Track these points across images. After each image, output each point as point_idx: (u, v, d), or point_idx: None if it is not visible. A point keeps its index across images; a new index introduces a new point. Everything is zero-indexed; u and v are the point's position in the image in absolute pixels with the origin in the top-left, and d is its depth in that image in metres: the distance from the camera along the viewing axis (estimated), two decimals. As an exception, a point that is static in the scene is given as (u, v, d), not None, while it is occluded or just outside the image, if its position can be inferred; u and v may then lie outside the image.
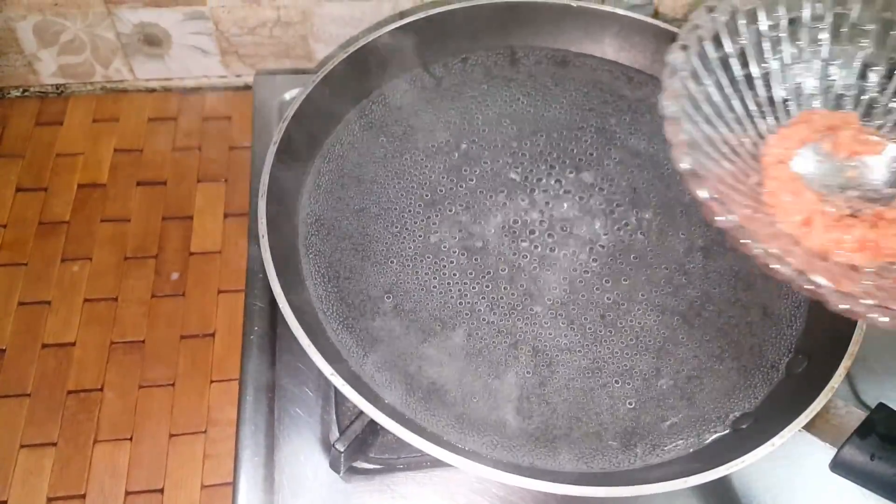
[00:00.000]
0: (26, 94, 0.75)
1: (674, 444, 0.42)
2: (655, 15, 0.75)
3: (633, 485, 0.37)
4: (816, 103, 0.45)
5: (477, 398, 0.42)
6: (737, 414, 0.43)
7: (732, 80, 0.43)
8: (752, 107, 0.44)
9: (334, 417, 0.46)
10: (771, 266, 0.32)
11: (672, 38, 0.55)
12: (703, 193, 0.33)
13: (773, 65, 0.44)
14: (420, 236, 0.48)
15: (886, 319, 0.32)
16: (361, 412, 0.40)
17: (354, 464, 0.45)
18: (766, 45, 0.44)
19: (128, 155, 0.72)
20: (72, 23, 0.69)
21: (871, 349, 0.50)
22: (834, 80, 0.45)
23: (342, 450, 0.42)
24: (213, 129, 0.74)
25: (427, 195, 0.50)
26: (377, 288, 0.45)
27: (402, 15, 0.69)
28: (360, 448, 0.44)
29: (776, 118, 0.44)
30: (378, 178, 0.50)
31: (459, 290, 0.46)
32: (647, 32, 0.56)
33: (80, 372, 0.60)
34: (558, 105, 0.56)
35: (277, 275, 0.41)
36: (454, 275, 0.47)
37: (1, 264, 0.65)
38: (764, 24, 0.43)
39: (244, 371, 0.48)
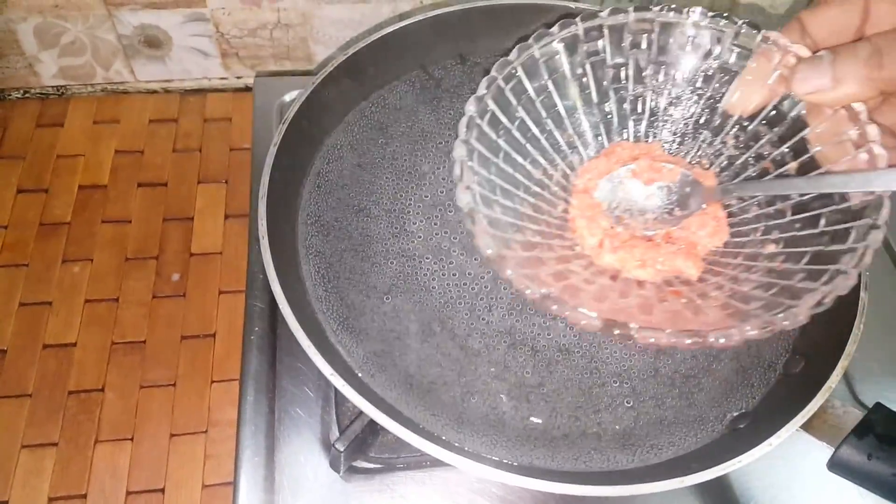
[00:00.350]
0: (27, 95, 0.76)
1: (671, 444, 0.42)
2: (654, 16, 0.75)
3: (632, 484, 0.37)
4: (624, 136, 0.49)
5: (476, 398, 0.42)
6: (734, 414, 0.43)
7: (538, 121, 0.46)
8: (561, 142, 0.47)
9: (334, 417, 0.47)
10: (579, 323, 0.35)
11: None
12: (508, 273, 0.36)
13: (575, 104, 0.47)
14: (420, 237, 0.48)
15: (653, 340, 0.34)
16: (361, 412, 0.40)
17: (354, 463, 0.45)
18: (565, 87, 0.47)
19: (128, 156, 0.72)
20: (72, 25, 0.69)
21: (869, 349, 0.50)
22: (642, 115, 0.49)
23: (342, 449, 0.42)
24: (213, 130, 0.75)
25: (427, 196, 0.50)
26: (377, 288, 0.45)
27: (401, 17, 0.69)
28: (359, 448, 0.44)
29: (585, 151, 0.48)
30: (378, 179, 0.50)
31: (459, 291, 0.46)
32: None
33: (81, 372, 0.61)
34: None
35: (278, 275, 0.41)
36: (454, 275, 0.47)
37: (2, 265, 0.65)
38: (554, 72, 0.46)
39: (244, 371, 0.49)
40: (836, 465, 0.39)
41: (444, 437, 0.39)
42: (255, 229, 0.43)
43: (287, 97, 0.64)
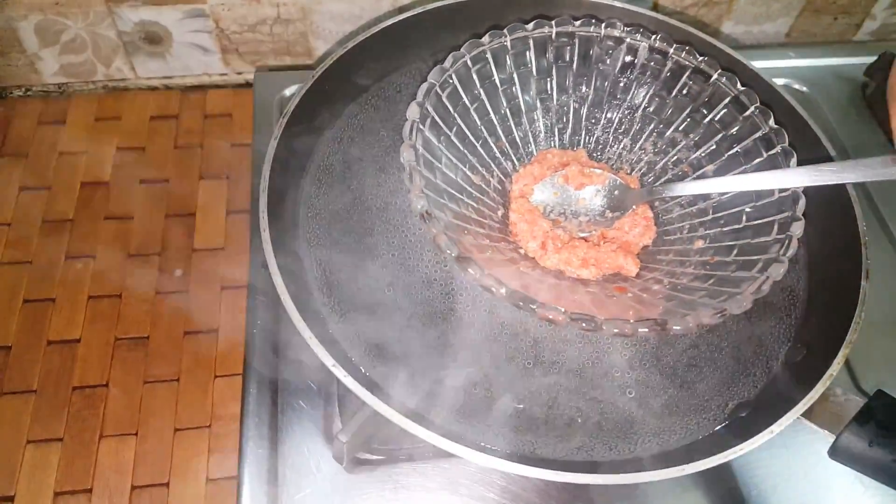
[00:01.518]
0: (28, 93, 0.76)
1: (673, 433, 0.42)
2: (655, 7, 0.75)
3: (634, 472, 0.37)
4: (551, 143, 0.53)
5: (478, 388, 0.42)
6: (736, 402, 0.44)
7: (473, 129, 0.49)
8: (495, 150, 0.50)
9: (337, 409, 0.47)
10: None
11: (671, 30, 0.55)
12: (475, 274, 0.37)
13: (506, 112, 0.51)
14: (421, 229, 0.48)
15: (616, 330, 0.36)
16: (364, 403, 0.40)
17: (357, 455, 0.45)
18: (496, 98, 0.50)
19: (130, 153, 0.72)
20: (73, 22, 0.69)
21: (870, 337, 0.51)
22: (567, 124, 0.53)
23: (345, 441, 0.42)
24: (214, 126, 0.75)
25: (428, 188, 0.50)
26: (379, 281, 0.46)
27: (400, 10, 0.69)
28: (362, 439, 0.44)
29: (518, 159, 0.51)
30: (379, 172, 0.51)
31: (460, 282, 0.46)
32: (646, 25, 0.56)
33: (85, 368, 0.61)
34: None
35: (279, 268, 0.41)
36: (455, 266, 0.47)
37: (6, 262, 0.65)
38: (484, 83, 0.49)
39: (247, 365, 0.49)
40: (837, 453, 0.40)
41: (446, 428, 0.40)
42: (257, 224, 0.44)
43: (287, 92, 0.64)
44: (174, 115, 0.75)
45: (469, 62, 0.47)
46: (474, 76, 0.48)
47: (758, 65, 0.54)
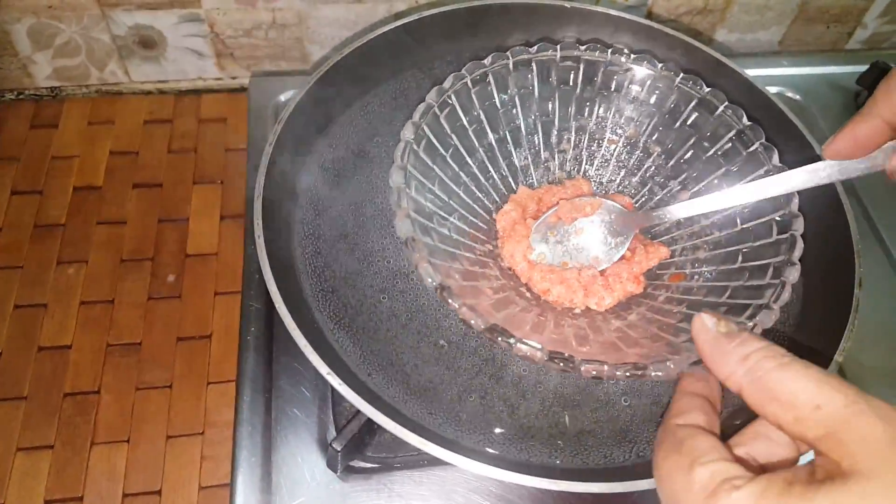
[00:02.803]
0: (21, 97, 0.75)
1: (669, 441, 0.42)
2: (649, 16, 0.76)
3: (629, 480, 0.37)
4: (549, 167, 0.52)
5: (473, 396, 0.42)
6: (730, 409, 0.44)
7: (470, 150, 0.48)
8: (493, 172, 0.50)
9: (331, 417, 0.47)
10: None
11: (665, 38, 0.56)
12: (454, 305, 0.37)
13: (505, 135, 0.51)
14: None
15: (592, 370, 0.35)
16: (358, 411, 0.40)
17: (351, 463, 0.45)
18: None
19: (123, 157, 0.72)
20: (66, 25, 0.69)
21: (863, 345, 0.51)
22: (565, 149, 0.53)
23: (339, 449, 0.42)
24: (208, 131, 0.75)
25: (422, 195, 0.50)
26: (373, 287, 0.45)
27: (397, 16, 0.69)
28: (357, 447, 0.44)
29: (515, 182, 0.51)
30: (374, 178, 0.50)
31: (455, 290, 0.46)
32: (640, 33, 0.57)
33: (77, 375, 0.60)
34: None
35: (274, 275, 0.41)
36: (450, 274, 0.47)
37: (-4, 267, 0.65)
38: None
39: (241, 372, 0.48)
40: (831, 461, 0.40)
41: (441, 435, 0.39)
42: (251, 229, 0.43)
43: (282, 97, 0.64)
44: (168, 119, 0.75)
45: (469, 83, 0.47)
46: (474, 97, 0.48)
47: (751, 73, 0.54)
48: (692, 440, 0.25)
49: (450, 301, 0.36)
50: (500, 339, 0.36)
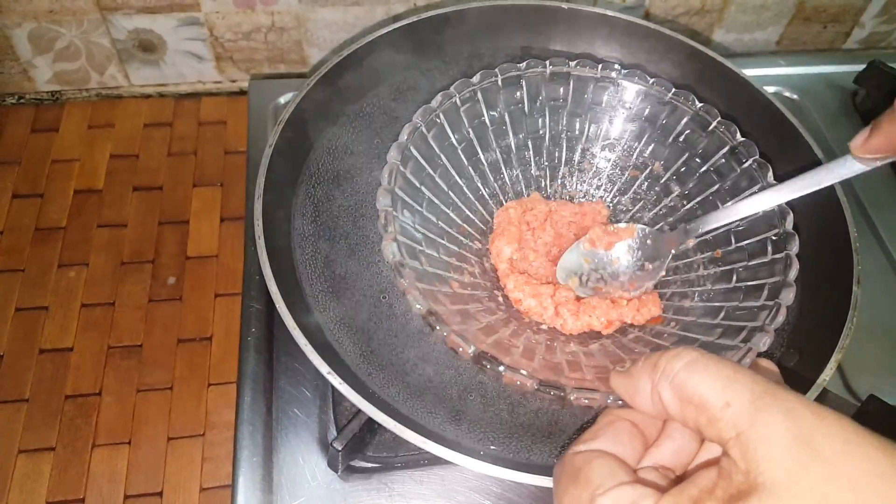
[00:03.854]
0: (21, 101, 0.76)
1: (668, 439, 0.42)
2: (647, 16, 0.76)
3: (629, 478, 0.37)
4: (541, 184, 0.51)
5: (474, 394, 0.42)
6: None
7: (459, 170, 0.48)
8: (483, 191, 0.49)
9: (332, 417, 0.47)
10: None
11: (663, 39, 0.56)
12: (442, 333, 0.37)
13: (496, 153, 0.50)
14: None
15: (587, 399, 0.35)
16: (359, 410, 0.40)
17: (352, 462, 0.45)
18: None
19: (124, 160, 0.72)
20: (67, 30, 0.69)
21: (862, 342, 0.51)
22: (557, 164, 0.52)
23: (340, 448, 0.42)
24: (208, 133, 0.75)
25: (422, 196, 0.50)
26: (373, 287, 0.46)
27: (395, 19, 0.69)
28: (357, 447, 0.44)
29: (506, 201, 0.50)
30: (373, 180, 0.51)
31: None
32: (637, 34, 0.57)
33: (78, 377, 0.61)
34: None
35: (274, 276, 0.41)
36: (449, 274, 0.47)
37: (-2, 270, 0.65)
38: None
39: (242, 372, 0.49)
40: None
41: (442, 434, 0.40)
42: (251, 231, 0.44)
43: (282, 99, 0.65)
44: (168, 122, 0.76)
45: (458, 101, 0.46)
46: (462, 115, 0.47)
47: (749, 73, 0.54)
48: (588, 468, 0.24)
49: (437, 328, 0.36)
50: (488, 367, 0.35)
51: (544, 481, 0.36)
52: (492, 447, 0.40)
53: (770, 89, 0.66)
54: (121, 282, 0.65)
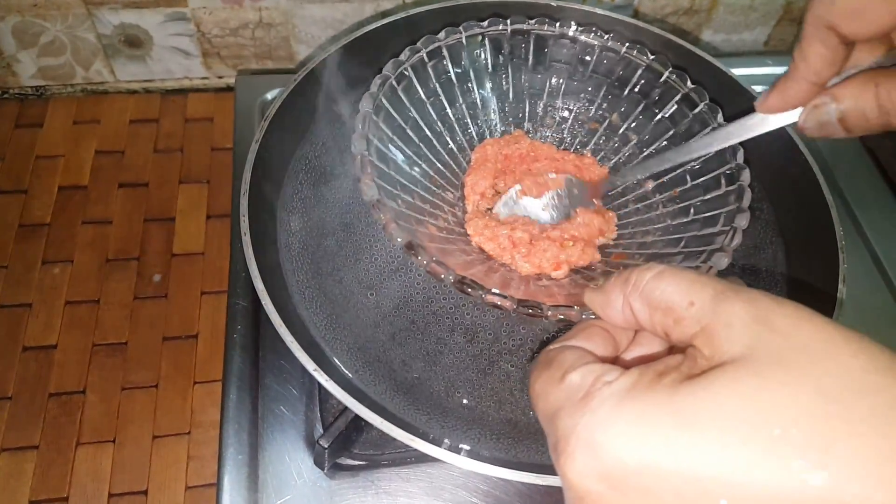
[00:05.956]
0: (5, 96, 0.75)
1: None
2: (636, 15, 0.76)
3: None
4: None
5: (461, 392, 0.42)
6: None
7: (429, 124, 0.50)
8: (452, 144, 0.51)
9: (318, 414, 0.46)
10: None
11: (652, 37, 0.56)
12: (423, 262, 0.38)
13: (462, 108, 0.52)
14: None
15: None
16: (345, 408, 0.40)
17: (339, 460, 0.45)
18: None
19: (109, 157, 0.72)
20: (51, 24, 0.69)
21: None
22: (521, 118, 0.54)
23: (326, 446, 0.42)
24: (195, 130, 0.74)
25: (409, 193, 0.50)
26: (360, 284, 0.45)
27: (383, 15, 0.69)
28: (344, 444, 0.44)
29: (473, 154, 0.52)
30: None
31: (443, 287, 0.46)
32: (627, 33, 0.57)
33: (62, 375, 0.60)
34: (539, 104, 0.56)
35: (260, 273, 0.41)
36: (437, 272, 0.47)
37: (-20, 267, 0.64)
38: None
39: (227, 370, 0.48)
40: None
41: (428, 432, 0.39)
42: (238, 228, 0.43)
43: (269, 95, 0.64)
44: (154, 118, 0.75)
45: (425, 56, 0.48)
46: (430, 71, 0.49)
47: (737, 72, 0.54)
48: (562, 355, 0.25)
49: (418, 258, 0.37)
50: (470, 290, 0.37)
51: (531, 478, 0.36)
52: (478, 444, 0.40)
53: (758, 88, 0.66)
54: (106, 279, 0.65)
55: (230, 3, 0.68)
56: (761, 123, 0.38)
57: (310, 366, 0.38)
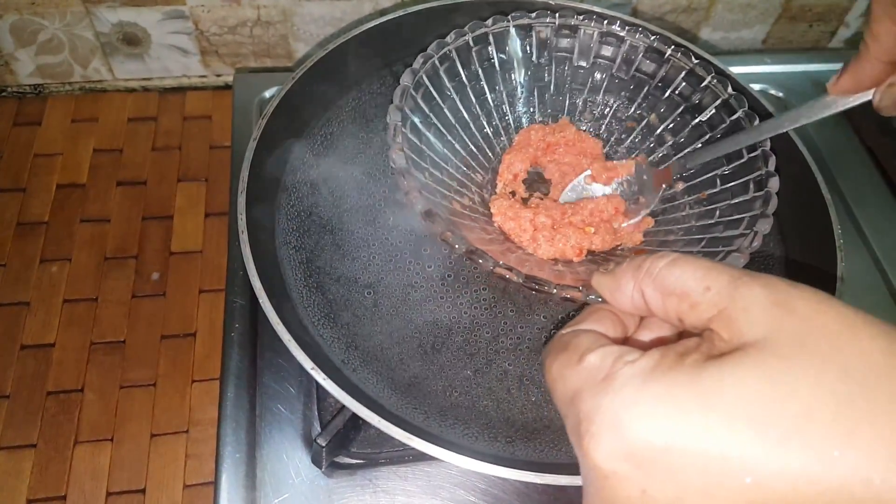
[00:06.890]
0: (3, 94, 0.75)
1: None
2: (634, 13, 0.76)
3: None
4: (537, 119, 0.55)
5: (458, 391, 0.42)
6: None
7: (468, 107, 0.51)
8: (488, 129, 0.52)
9: (316, 413, 0.46)
10: (503, 276, 0.38)
11: (652, 35, 0.56)
12: (437, 229, 0.38)
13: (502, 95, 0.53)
14: (400, 231, 0.48)
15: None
16: (343, 407, 0.40)
17: (336, 459, 0.45)
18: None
19: (107, 155, 0.72)
20: (50, 22, 0.69)
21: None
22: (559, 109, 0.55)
23: (324, 445, 0.42)
24: (193, 128, 0.74)
25: (408, 192, 0.50)
26: (358, 283, 0.45)
27: (382, 13, 0.69)
28: (341, 443, 0.44)
29: (509, 140, 0.53)
30: (358, 174, 0.50)
31: (441, 286, 0.46)
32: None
33: (60, 373, 0.60)
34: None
35: (258, 271, 0.41)
36: (435, 269, 0.47)
37: (-22, 265, 0.64)
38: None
39: (225, 368, 0.48)
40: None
41: (426, 430, 0.39)
42: (235, 226, 0.43)
43: (267, 93, 0.64)
44: (152, 116, 0.75)
45: (470, 41, 0.49)
46: (473, 56, 0.50)
47: (735, 70, 0.54)
48: (577, 338, 0.25)
49: (434, 224, 0.38)
50: (480, 261, 0.37)
51: (529, 476, 0.36)
52: (476, 443, 0.40)
53: (756, 87, 0.66)
54: (104, 277, 0.65)
55: (228, 0, 0.68)
56: (833, 104, 0.38)
57: (307, 364, 0.38)
